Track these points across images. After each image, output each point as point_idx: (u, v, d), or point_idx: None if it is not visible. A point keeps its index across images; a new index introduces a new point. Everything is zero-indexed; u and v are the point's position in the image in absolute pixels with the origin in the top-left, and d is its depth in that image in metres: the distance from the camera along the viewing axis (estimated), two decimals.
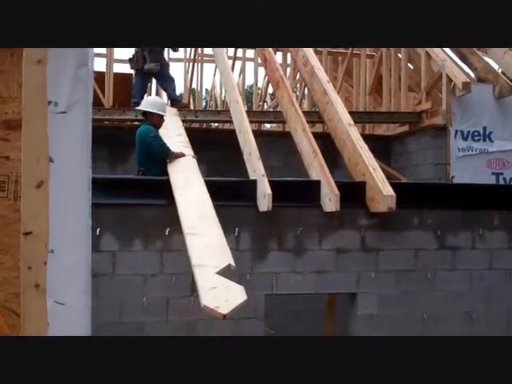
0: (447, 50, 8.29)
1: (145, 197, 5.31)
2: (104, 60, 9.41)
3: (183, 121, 7.61)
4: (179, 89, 11.05)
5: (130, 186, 5.41)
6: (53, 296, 2.01)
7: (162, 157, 6.01)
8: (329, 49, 10.14)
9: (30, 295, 2.03)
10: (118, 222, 5.25)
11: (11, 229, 2.26)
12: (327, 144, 6.62)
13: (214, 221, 4.84)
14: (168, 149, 6.08)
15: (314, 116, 7.90)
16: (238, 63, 12.28)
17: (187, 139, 6.66)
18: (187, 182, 5.45)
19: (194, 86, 12.99)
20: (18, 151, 2.21)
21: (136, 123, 7.92)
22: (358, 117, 8.28)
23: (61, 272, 2.02)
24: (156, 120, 6.37)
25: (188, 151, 6.25)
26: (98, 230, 5.10)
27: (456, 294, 5.92)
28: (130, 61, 8.28)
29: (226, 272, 4.23)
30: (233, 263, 4.33)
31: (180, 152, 6.12)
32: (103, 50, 9.47)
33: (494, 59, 8.61)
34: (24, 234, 2.07)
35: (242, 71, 12.05)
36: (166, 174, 5.67)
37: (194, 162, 6.00)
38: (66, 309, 2.02)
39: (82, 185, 2.03)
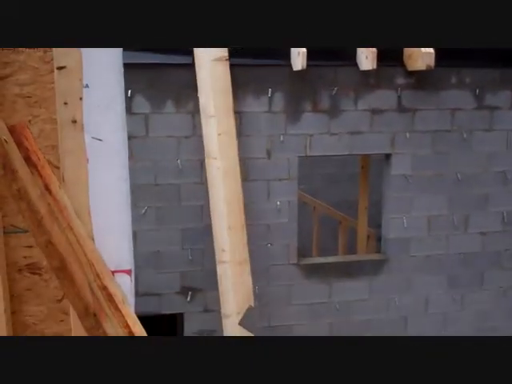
0: None
1: (175, 56, 5.20)
2: None
3: None
4: None
5: None
6: (90, 132, 2.00)
7: None
8: None
9: (68, 131, 2.02)
10: (148, 83, 5.19)
11: (43, 81, 2.23)
12: None
13: (241, 236, 5.14)
14: None
15: None
16: None
17: None
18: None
19: None
20: None
21: None
22: None
23: (96, 108, 2.00)
24: None
25: None
26: (130, 91, 5.07)
27: (491, 155, 5.86)
28: None
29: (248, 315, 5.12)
30: (252, 303, 5.15)
31: None
32: None
33: None
34: (58, 69, 2.04)
35: None
36: None
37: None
38: (103, 145, 2.02)
39: None
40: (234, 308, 5.11)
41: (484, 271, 6.10)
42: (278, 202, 5.53)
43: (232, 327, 5.13)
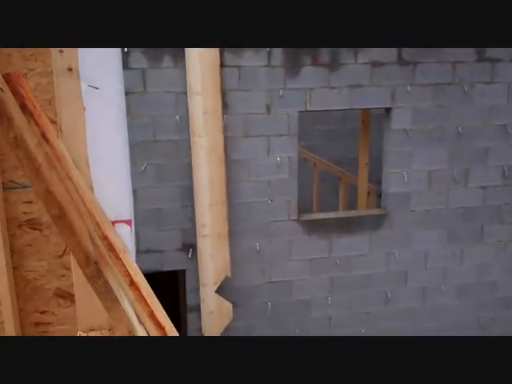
0: None
1: None
2: None
3: None
4: None
5: None
6: (86, 80, 1.97)
7: None
8: None
9: (64, 79, 1.98)
10: None
11: None
12: None
13: (221, 212, 5.36)
14: None
15: None
16: None
17: None
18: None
19: None
20: None
21: None
22: None
23: (93, 55, 1.96)
24: None
25: None
26: None
27: (492, 108, 5.81)
28: None
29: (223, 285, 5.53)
30: (229, 274, 5.49)
31: None
32: None
33: None
34: None
35: None
36: None
37: None
38: (100, 93, 1.99)
39: None
40: (211, 278, 5.43)
41: (484, 225, 6.12)
42: (278, 158, 5.50)
43: (209, 295, 5.46)
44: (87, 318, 2.21)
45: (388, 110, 5.66)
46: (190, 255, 5.53)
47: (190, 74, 5.11)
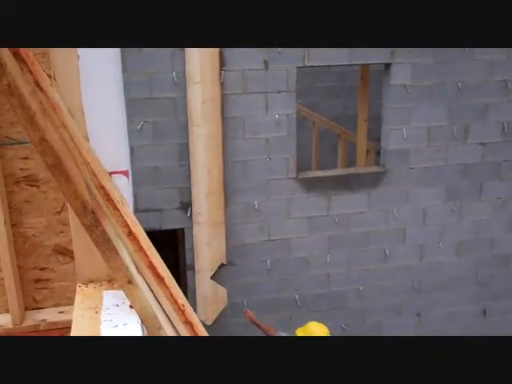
0: None
1: None
2: None
3: None
4: None
5: None
6: None
7: None
8: None
9: None
10: None
11: None
12: None
13: (218, 200, 5.42)
14: None
15: None
16: None
17: None
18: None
19: None
20: None
21: None
22: None
23: None
24: None
25: None
26: None
27: (492, 63, 5.74)
28: None
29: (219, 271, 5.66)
30: (224, 261, 5.60)
31: None
32: None
33: None
34: None
35: None
36: None
37: None
38: None
39: None
40: (207, 265, 5.56)
41: (483, 182, 6.10)
42: (277, 115, 5.46)
43: (205, 281, 5.59)
44: (86, 271, 2.20)
45: (387, 66, 5.59)
46: (188, 214, 5.53)
47: (189, 64, 5.08)
